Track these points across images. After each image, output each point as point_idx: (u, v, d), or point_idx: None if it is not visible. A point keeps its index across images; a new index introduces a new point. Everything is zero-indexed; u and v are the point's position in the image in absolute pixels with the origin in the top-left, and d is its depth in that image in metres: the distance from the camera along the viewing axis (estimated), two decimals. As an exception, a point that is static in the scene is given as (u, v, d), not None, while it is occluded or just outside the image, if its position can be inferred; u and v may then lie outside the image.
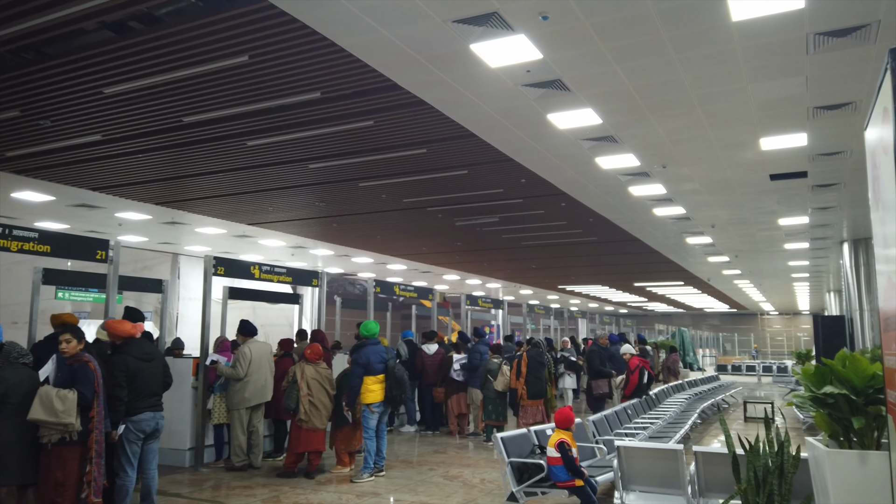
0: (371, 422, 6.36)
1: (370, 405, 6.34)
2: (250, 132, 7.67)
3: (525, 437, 4.92)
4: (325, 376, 6.57)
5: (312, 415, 6.35)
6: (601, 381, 9.12)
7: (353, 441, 6.70)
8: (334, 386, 6.63)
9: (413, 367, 9.83)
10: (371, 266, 20.41)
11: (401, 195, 10.81)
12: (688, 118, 6.93)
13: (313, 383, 6.41)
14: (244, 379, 6.62)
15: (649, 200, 10.87)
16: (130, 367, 4.53)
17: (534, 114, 6.84)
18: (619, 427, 6.46)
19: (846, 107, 6.59)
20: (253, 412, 6.79)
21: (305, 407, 6.34)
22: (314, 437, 6.40)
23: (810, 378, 3.29)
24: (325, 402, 6.48)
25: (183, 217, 12.71)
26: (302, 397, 6.34)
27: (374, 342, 6.49)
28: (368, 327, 6.59)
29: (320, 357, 6.59)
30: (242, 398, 6.65)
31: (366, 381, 6.32)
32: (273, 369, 7.00)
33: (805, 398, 3.27)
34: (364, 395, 6.32)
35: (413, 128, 7.49)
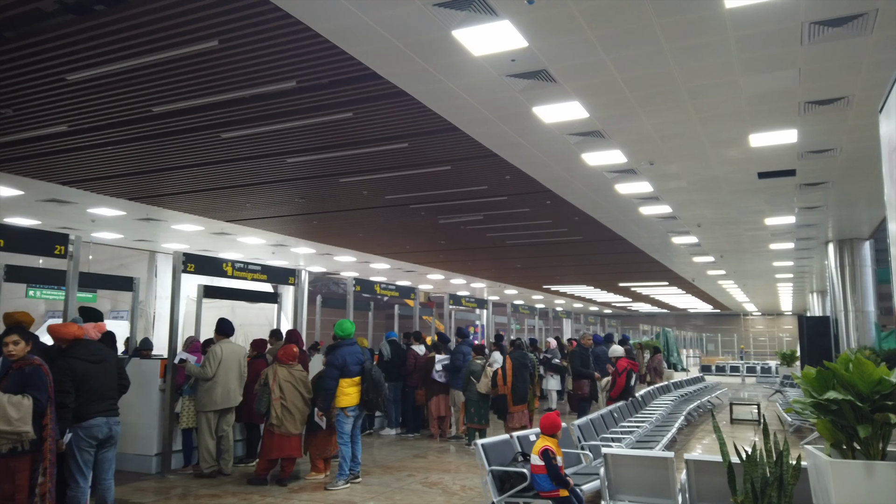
0: (346, 426, 6.07)
1: (345, 409, 6.04)
2: (224, 124, 7.36)
3: (507, 443, 4.67)
4: (299, 378, 6.27)
5: (285, 419, 6.05)
6: (583, 382, 8.88)
7: (329, 446, 6.41)
8: (310, 389, 6.33)
9: (402, 369, 9.57)
10: (354, 265, 20.10)
11: (382, 192, 10.53)
12: (677, 112, 6.73)
13: (286, 386, 6.11)
14: (212, 380, 6.31)
15: (636, 199, 10.70)
16: (77, 370, 4.20)
17: (519, 107, 6.60)
18: (604, 431, 6.23)
19: (838, 102, 6.43)
20: (222, 416, 6.48)
21: (277, 411, 6.04)
22: (287, 442, 6.10)
23: (811, 383, 3.08)
24: (299, 406, 6.19)
25: (158, 213, 12.33)
26: (274, 401, 6.04)
27: (350, 343, 6.21)
28: (344, 327, 6.30)
29: (294, 358, 6.29)
30: (210, 400, 6.33)
31: (341, 384, 6.04)
32: (245, 373, 6.69)
33: (806, 404, 3.05)
34: (339, 399, 6.03)
35: (394, 120, 7.22)
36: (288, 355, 6.23)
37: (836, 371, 3.00)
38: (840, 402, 2.89)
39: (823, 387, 3.03)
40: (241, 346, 6.82)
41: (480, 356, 8.53)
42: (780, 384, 16.69)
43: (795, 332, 41.67)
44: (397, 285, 11.00)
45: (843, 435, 2.99)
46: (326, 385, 6.03)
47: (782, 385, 16.40)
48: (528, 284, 26.56)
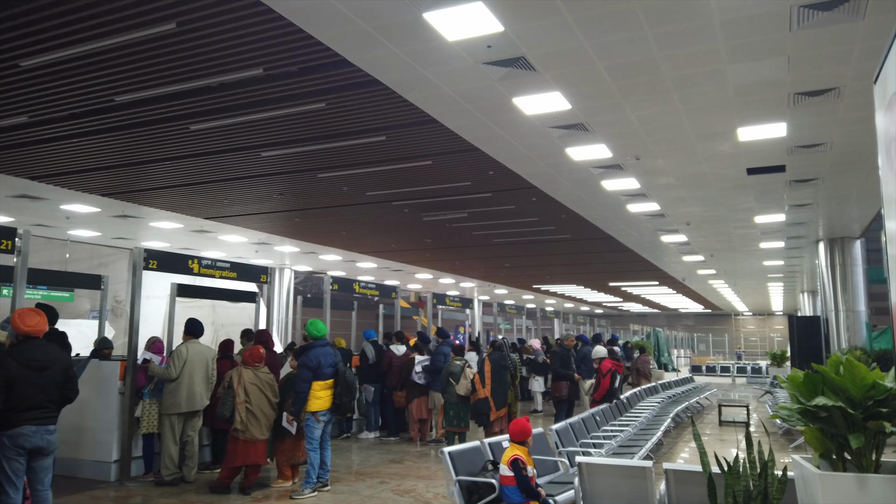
0: (315, 432, 5.76)
1: (316, 413, 5.74)
2: (191, 115, 7.05)
3: (477, 450, 4.38)
4: (265, 381, 5.96)
5: (250, 424, 5.74)
6: (561, 383, 8.58)
7: (297, 452, 6.11)
8: (276, 392, 6.03)
9: (379, 370, 9.29)
10: (340, 264, 19.79)
11: (363, 188, 10.24)
12: (662, 104, 6.48)
13: (252, 389, 5.81)
14: (177, 381, 6.00)
15: (623, 196, 10.45)
16: (11, 373, 3.88)
17: (498, 97, 6.33)
18: (585, 436, 5.95)
19: (829, 93, 6.19)
20: (187, 420, 6.17)
21: (242, 415, 5.73)
22: (252, 448, 5.79)
23: (799, 387, 2.81)
24: (265, 410, 5.88)
25: (134, 210, 11.97)
26: (238, 404, 5.73)
27: (323, 343, 5.91)
28: (317, 327, 5.99)
29: (260, 360, 5.98)
30: (174, 402, 6.02)
31: (313, 387, 5.73)
32: (213, 375, 6.38)
33: (792, 410, 2.79)
34: (310, 402, 5.72)
35: (369, 111, 6.93)
36: (254, 357, 5.92)
37: (825, 374, 2.74)
38: (830, 409, 2.63)
39: (812, 391, 2.77)
40: (210, 347, 6.51)
41: (460, 357, 8.24)
42: (770, 385, 16.51)
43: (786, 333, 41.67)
44: (378, 284, 10.69)
45: (833, 444, 2.73)
46: (299, 388, 5.71)
47: (772, 386, 16.22)
48: (518, 284, 26.31)
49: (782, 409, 2.84)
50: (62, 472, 6.24)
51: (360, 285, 10.27)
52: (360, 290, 10.19)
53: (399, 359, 9.13)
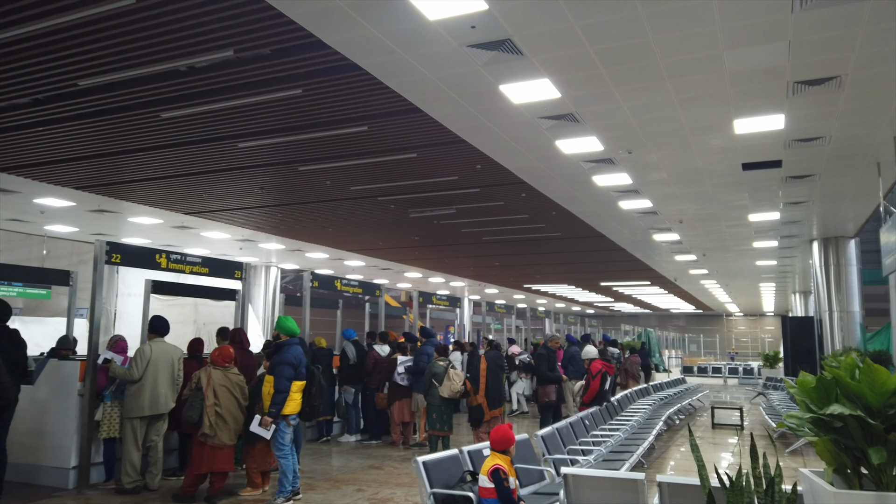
0: (286, 437, 5.40)
1: (287, 417, 5.39)
2: (161, 101, 6.69)
3: (455, 459, 4.05)
4: (235, 383, 5.60)
5: (219, 429, 5.38)
6: (549, 387, 8.23)
7: (269, 459, 5.74)
8: (247, 395, 5.66)
9: (362, 370, 8.94)
10: (327, 262, 19.43)
11: (347, 182, 9.90)
12: (656, 92, 6.17)
13: (222, 391, 5.45)
14: (139, 383, 5.64)
15: (615, 192, 10.16)
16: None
17: (484, 84, 6.01)
18: (573, 442, 5.62)
19: (830, 82, 5.91)
20: (151, 425, 5.81)
21: (211, 419, 5.37)
22: (220, 455, 5.42)
23: (809, 393, 2.50)
24: (234, 414, 5.52)
25: (111, 204, 11.58)
26: (207, 408, 5.37)
27: (297, 341, 5.56)
28: (287, 325, 5.63)
29: (230, 360, 5.62)
30: (137, 405, 5.66)
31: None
32: (180, 376, 6.01)
33: (802, 419, 2.48)
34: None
35: (349, 99, 6.59)
36: (223, 357, 5.57)
37: (840, 379, 2.43)
38: (845, 419, 2.32)
39: (824, 398, 2.46)
40: (176, 347, 6.14)
41: (444, 358, 7.91)
42: (763, 386, 16.28)
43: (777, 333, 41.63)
44: (361, 281, 10.35)
45: (847, 458, 2.42)
46: (281, 386, 5.31)
47: (765, 387, 15.99)
48: (509, 283, 26.03)
49: (791, 419, 2.53)
50: (18, 478, 5.87)
51: (342, 283, 9.91)
52: (343, 287, 9.84)
53: (384, 359, 8.78)
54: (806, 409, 2.54)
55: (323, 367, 8.91)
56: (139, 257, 6.51)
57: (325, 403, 8.83)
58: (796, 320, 16.76)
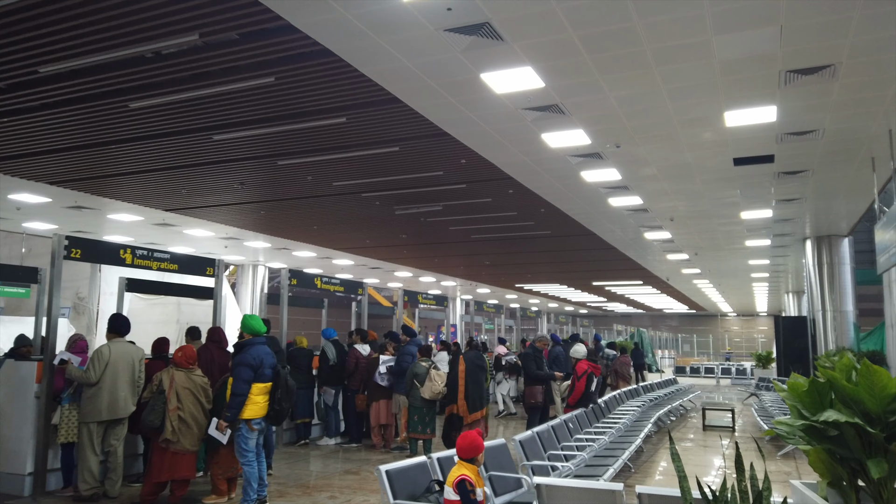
0: (250, 442, 5.11)
1: (250, 421, 5.11)
2: (128, 90, 6.41)
3: (423, 468, 3.78)
4: (199, 385, 5.31)
5: (182, 434, 5.09)
6: (536, 388, 7.95)
7: (235, 464, 5.45)
8: (210, 398, 5.38)
9: (342, 371, 8.66)
10: (315, 261, 19.13)
11: (329, 177, 9.62)
12: (643, 82, 5.93)
13: (185, 394, 5.16)
14: (97, 385, 5.35)
15: (604, 188, 9.92)
16: None
17: (464, 72, 5.75)
18: (555, 447, 5.36)
19: (823, 71, 5.68)
20: (110, 429, 5.52)
21: (174, 424, 5.08)
22: (181, 461, 5.13)
23: (801, 397, 2.25)
24: (198, 418, 5.24)
25: (88, 200, 11.26)
26: (170, 411, 5.07)
27: (262, 341, 5.27)
28: (251, 323, 5.35)
29: (194, 361, 5.32)
30: (94, 409, 5.36)
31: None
32: (141, 378, 5.71)
33: (793, 427, 2.22)
34: (245, 408, 5.07)
35: (324, 89, 6.33)
36: (187, 357, 5.27)
37: (835, 382, 2.18)
38: (842, 426, 2.07)
39: (818, 403, 2.21)
40: (138, 347, 5.84)
41: (426, 358, 7.64)
42: (756, 387, 16.09)
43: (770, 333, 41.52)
44: (343, 279, 10.07)
45: (844, 470, 2.18)
46: (238, 389, 5.04)
47: (757, 388, 15.80)
48: (500, 283, 25.79)
49: (781, 425, 2.28)
50: (-28, 484, 5.57)
51: (323, 280, 9.63)
52: (324, 285, 9.56)
53: (365, 359, 8.51)
54: (797, 415, 2.29)
55: (302, 368, 8.65)
56: (101, 253, 6.21)
57: (304, 405, 8.57)
58: (789, 320, 16.61)
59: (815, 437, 2.18)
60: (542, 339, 8.29)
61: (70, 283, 18.14)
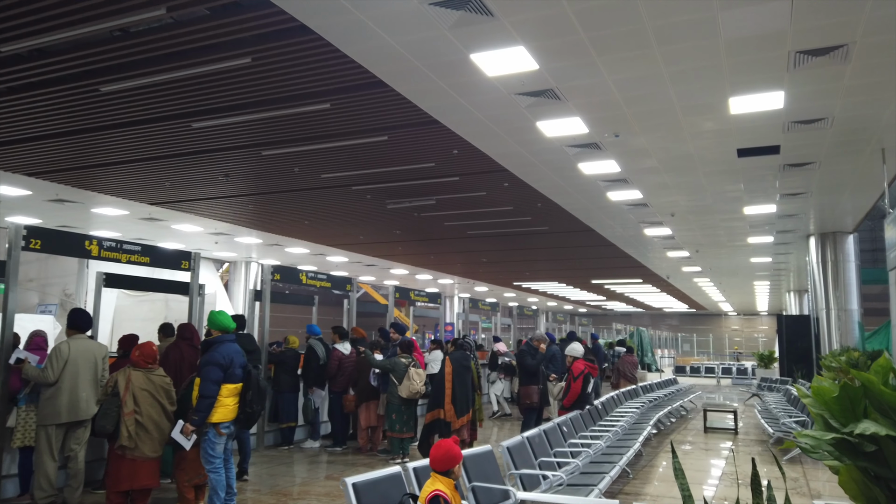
0: (218, 447, 4.75)
1: (218, 424, 4.74)
2: (98, 71, 6.05)
3: (395, 479, 3.41)
4: (160, 386, 4.94)
5: (140, 439, 4.73)
6: (531, 388, 7.58)
7: (203, 470, 5.08)
8: (174, 399, 5.02)
9: (326, 371, 8.30)
10: (308, 258, 18.78)
11: (316, 168, 9.26)
12: (643, 64, 5.57)
13: (143, 396, 4.80)
14: (55, 385, 4.99)
15: (602, 181, 9.57)
16: None
17: (452, 52, 5.39)
18: (547, 453, 4.97)
19: (835, 52, 5.32)
20: (70, 432, 5.16)
21: (130, 429, 4.72)
22: (141, 469, 4.77)
23: (829, 404, 1.89)
24: (158, 422, 4.86)
25: (69, 193, 10.90)
26: (125, 415, 4.72)
27: (231, 339, 4.91)
28: (219, 320, 4.99)
29: (153, 360, 4.96)
30: (53, 411, 5.01)
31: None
32: (103, 378, 5.35)
33: (820, 440, 1.87)
34: (212, 411, 4.71)
35: (306, 72, 5.97)
36: (145, 356, 4.91)
37: (871, 387, 1.82)
38: (881, 441, 1.71)
39: (849, 412, 1.86)
40: (100, 344, 5.48)
41: (406, 355, 7.27)
42: (758, 387, 15.74)
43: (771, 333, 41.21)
44: (329, 275, 9.71)
45: (881, 492, 1.82)
46: (206, 390, 4.69)
47: (759, 388, 15.46)
48: (498, 281, 25.43)
49: (804, 438, 1.92)
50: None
51: (308, 276, 9.27)
52: (309, 281, 9.19)
53: (348, 358, 8.13)
54: (824, 426, 1.93)
55: (289, 370, 8.29)
56: (64, 244, 5.84)
57: (291, 409, 8.21)
58: (792, 319, 16.27)
59: (848, 453, 1.82)
60: (540, 337, 7.94)
61: (57, 280, 17.82)
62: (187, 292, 7.39)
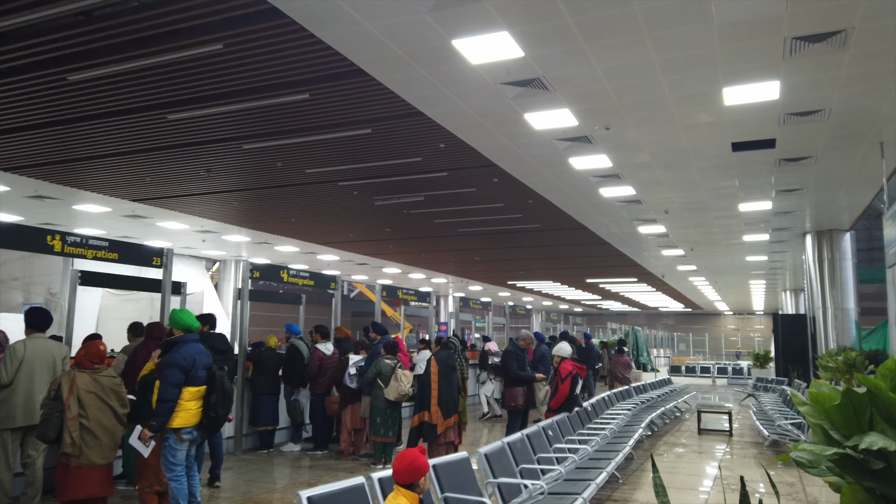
0: (179, 454, 4.48)
1: (180, 430, 4.48)
2: (64, 59, 5.78)
3: (357, 492, 3.13)
4: (109, 387, 4.61)
5: (87, 446, 4.42)
6: (516, 390, 7.30)
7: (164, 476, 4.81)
8: (125, 401, 4.72)
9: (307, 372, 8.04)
10: (298, 256, 18.50)
11: (300, 163, 9.00)
12: (633, 51, 5.33)
13: (89, 399, 4.47)
14: (10, 387, 4.72)
15: (594, 177, 9.33)
16: None
17: (433, 37, 5.14)
18: (530, 459, 4.71)
19: (833, 38, 5.09)
20: (28, 437, 4.89)
21: (74, 435, 4.42)
22: (89, 477, 4.47)
23: (830, 414, 1.65)
24: (108, 427, 4.57)
25: (48, 189, 10.61)
26: (68, 421, 4.41)
27: (194, 338, 4.65)
28: (181, 318, 4.72)
29: (100, 360, 4.67)
30: (7, 414, 4.74)
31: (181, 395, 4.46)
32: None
33: (820, 455, 1.62)
34: (173, 415, 4.45)
35: (279, 59, 5.70)
36: (91, 356, 4.60)
37: (876, 393, 1.58)
38: (891, 457, 1.46)
39: (853, 422, 1.61)
40: (60, 344, 5.22)
41: (391, 356, 7.02)
42: (753, 387, 15.53)
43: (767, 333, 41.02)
44: (312, 272, 9.44)
45: (890, 515, 1.57)
46: (166, 393, 4.41)
47: (755, 388, 15.24)
48: (492, 280, 25.20)
49: (802, 453, 1.68)
50: None
51: (289, 274, 9.00)
52: (291, 279, 8.92)
53: (329, 359, 7.86)
54: (824, 438, 1.68)
55: (269, 371, 8.02)
56: (21, 238, 5.56)
57: (270, 412, 7.94)
58: (788, 318, 16.06)
59: (852, 470, 1.58)
60: (526, 337, 7.67)
61: (42, 279, 17.51)
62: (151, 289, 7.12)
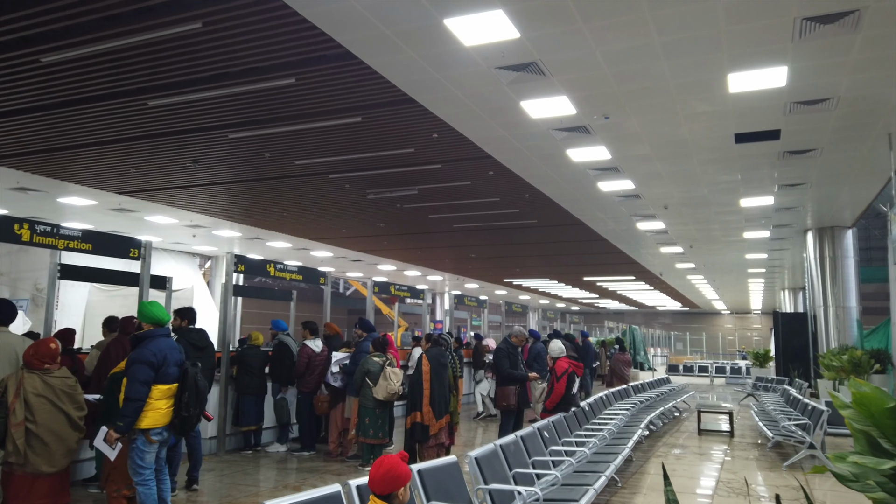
0: (147, 457, 4.18)
1: (148, 431, 4.19)
2: (34, 39, 5.48)
3: (332, 501, 2.89)
4: (61, 389, 4.29)
5: (34, 453, 4.12)
6: (508, 389, 7.01)
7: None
8: (82, 403, 4.40)
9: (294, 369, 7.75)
10: (291, 252, 18.19)
11: (289, 154, 8.71)
12: (634, 32, 5.06)
13: (39, 403, 4.14)
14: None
15: (592, 170, 9.06)
16: None
17: (424, 16, 4.87)
18: (524, 463, 4.43)
19: (844, 19, 4.82)
20: (-12, 438, 4.60)
21: (18, 442, 4.10)
22: (36, 486, 4.15)
23: (879, 420, 1.37)
24: (59, 432, 4.26)
25: (30, 181, 10.30)
26: (13, 427, 4.09)
27: (165, 332, 4.36)
28: (150, 311, 4.43)
29: (52, 360, 4.34)
30: (-32, 416, 4.45)
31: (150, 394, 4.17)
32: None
33: (871, 469, 1.34)
34: (142, 415, 4.16)
35: (261, 40, 5.41)
36: (41, 355, 4.27)
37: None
38: (961, 474, 1.19)
39: (906, 429, 1.32)
40: (25, 340, 4.92)
41: (380, 353, 6.73)
42: (753, 387, 15.29)
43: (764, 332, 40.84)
44: (301, 267, 9.15)
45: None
46: (134, 392, 4.09)
47: (755, 388, 15.00)
48: (488, 278, 24.92)
49: (843, 465, 1.40)
50: None
51: (276, 268, 8.72)
52: (279, 273, 8.64)
53: (318, 356, 7.57)
54: (869, 448, 1.40)
55: (254, 370, 7.74)
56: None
57: (254, 412, 7.66)
58: (788, 317, 15.85)
59: (905, 489, 1.30)
60: (518, 333, 7.38)
61: (28, 274, 17.16)
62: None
